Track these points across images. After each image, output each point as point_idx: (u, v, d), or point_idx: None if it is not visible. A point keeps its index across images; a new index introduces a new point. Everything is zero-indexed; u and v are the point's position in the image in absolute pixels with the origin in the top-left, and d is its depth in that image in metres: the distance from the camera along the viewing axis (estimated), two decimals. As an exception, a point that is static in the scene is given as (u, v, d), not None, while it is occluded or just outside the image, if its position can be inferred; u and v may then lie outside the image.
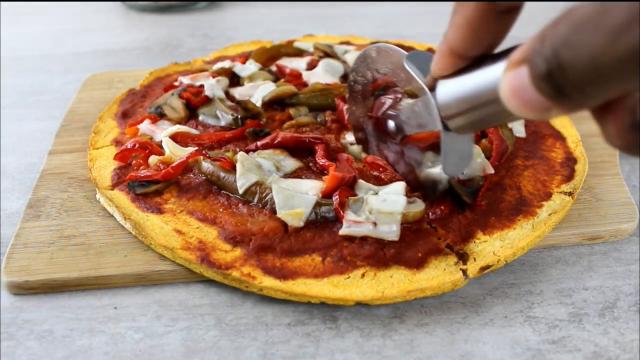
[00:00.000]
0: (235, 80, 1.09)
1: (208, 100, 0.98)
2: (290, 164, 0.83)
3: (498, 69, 0.49)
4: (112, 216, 0.79)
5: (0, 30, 1.53)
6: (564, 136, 0.93)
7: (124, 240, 0.75)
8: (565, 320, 0.66)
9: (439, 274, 0.68)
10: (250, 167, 0.79)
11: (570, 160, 0.86)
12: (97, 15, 1.66)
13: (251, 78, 1.07)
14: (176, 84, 1.05)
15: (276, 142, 0.86)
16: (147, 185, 0.79)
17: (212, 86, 1.01)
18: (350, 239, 0.71)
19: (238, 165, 0.79)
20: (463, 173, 0.78)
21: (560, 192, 0.80)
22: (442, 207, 0.75)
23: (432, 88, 0.60)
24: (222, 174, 0.79)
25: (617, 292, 0.70)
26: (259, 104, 0.98)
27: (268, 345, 0.64)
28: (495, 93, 0.48)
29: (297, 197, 0.74)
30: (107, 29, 1.56)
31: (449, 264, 0.69)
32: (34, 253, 0.73)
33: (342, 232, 0.71)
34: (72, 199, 0.83)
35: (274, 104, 0.99)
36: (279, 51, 1.20)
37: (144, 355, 0.62)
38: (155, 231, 0.73)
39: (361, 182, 0.78)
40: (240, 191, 0.77)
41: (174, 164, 0.81)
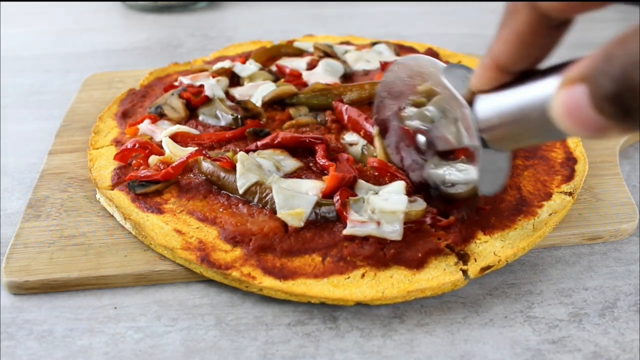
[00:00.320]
0: (235, 80, 1.09)
1: (208, 100, 0.98)
2: (290, 164, 0.83)
3: (548, 86, 0.47)
4: (112, 216, 0.79)
5: (0, 30, 1.53)
6: (564, 136, 0.93)
7: (124, 240, 0.75)
8: (565, 320, 0.66)
9: (439, 274, 0.68)
10: (250, 167, 0.79)
11: (570, 160, 0.86)
12: (97, 15, 1.66)
13: (251, 78, 1.07)
14: (176, 84, 1.05)
15: (276, 142, 0.86)
16: (147, 185, 0.79)
17: (212, 86, 1.01)
18: (350, 239, 0.71)
19: (238, 165, 0.79)
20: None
21: (561, 192, 0.80)
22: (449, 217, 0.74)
23: (470, 103, 0.59)
24: (222, 174, 0.79)
25: (617, 292, 0.70)
26: (259, 104, 0.98)
27: (268, 345, 0.64)
28: (544, 111, 0.47)
29: (297, 197, 0.74)
30: (107, 29, 1.56)
31: (449, 264, 0.69)
32: (34, 253, 0.73)
33: (346, 232, 0.71)
34: (72, 199, 0.83)
35: (274, 104, 0.99)
36: (279, 51, 1.20)
37: (144, 355, 0.62)
38: (155, 231, 0.73)
39: (361, 182, 0.78)
40: (240, 191, 0.77)
41: (174, 164, 0.81)
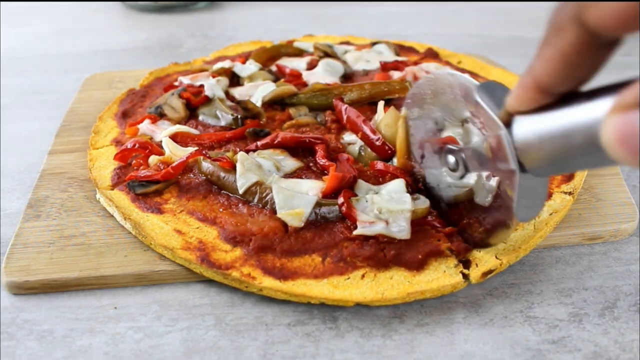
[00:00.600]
0: (235, 80, 1.09)
1: (208, 100, 0.98)
2: (291, 164, 0.83)
3: (597, 110, 0.45)
4: (112, 216, 0.79)
5: (0, 30, 1.53)
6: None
7: (124, 240, 0.75)
8: (565, 320, 0.66)
9: (439, 276, 0.67)
10: (250, 167, 0.79)
11: (570, 160, 0.86)
12: (97, 15, 1.67)
13: (251, 78, 1.07)
14: (176, 84, 1.06)
15: (276, 142, 0.86)
16: (147, 185, 0.79)
17: (212, 86, 1.01)
18: (350, 239, 0.71)
19: (238, 165, 0.79)
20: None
21: (561, 192, 0.80)
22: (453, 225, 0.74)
23: (507, 124, 0.56)
24: (222, 174, 0.79)
25: (617, 292, 0.70)
26: (259, 104, 0.98)
27: (268, 345, 0.64)
28: (591, 136, 0.45)
29: (297, 197, 0.74)
30: (107, 29, 1.56)
31: (449, 266, 0.69)
32: (34, 253, 0.73)
33: (357, 232, 0.70)
34: (72, 199, 0.83)
35: (274, 104, 0.99)
36: (279, 51, 1.20)
37: (144, 355, 0.62)
38: (155, 231, 0.73)
39: (361, 182, 0.78)
40: (241, 191, 0.77)
41: (174, 164, 0.81)
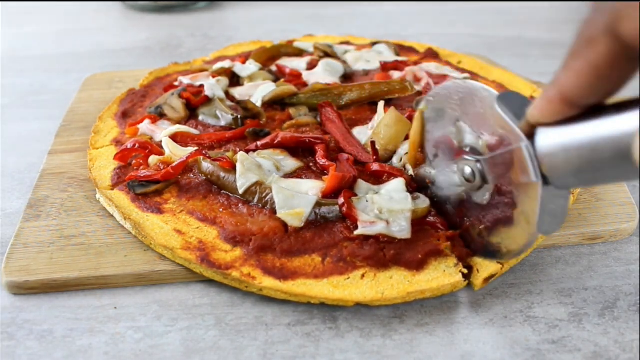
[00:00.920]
0: (235, 80, 1.09)
1: (208, 100, 0.98)
2: (290, 164, 0.83)
3: (626, 123, 0.44)
4: (112, 216, 0.79)
5: (0, 30, 1.53)
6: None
7: (124, 240, 0.75)
8: (565, 320, 0.66)
9: (439, 275, 0.67)
10: (250, 167, 0.79)
11: (570, 160, 0.86)
12: (97, 15, 1.67)
13: (251, 78, 1.07)
14: (176, 84, 1.06)
15: (276, 142, 0.86)
16: (147, 185, 0.79)
17: (212, 86, 1.01)
18: (350, 239, 0.71)
19: (238, 165, 0.79)
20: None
21: (560, 192, 0.80)
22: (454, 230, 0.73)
23: (528, 136, 0.55)
24: (222, 174, 0.79)
25: (617, 292, 0.70)
26: (259, 104, 0.98)
27: (268, 345, 0.64)
28: (620, 149, 0.44)
29: (297, 197, 0.74)
30: (107, 29, 1.56)
31: (449, 266, 0.69)
32: (34, 253, 0.73)
33: (357, 232, 0.70)
34: (72, 199, 0.83)
35: (274, 104, 0.99)
36: (279, 51, 1.20)
37: (144, 355, 0.62)
38: (155, 231, 0.73)
39: (361, 182, 0.78)
40: (241, 191, 0.77)
41: (174, 164, 0.81)
